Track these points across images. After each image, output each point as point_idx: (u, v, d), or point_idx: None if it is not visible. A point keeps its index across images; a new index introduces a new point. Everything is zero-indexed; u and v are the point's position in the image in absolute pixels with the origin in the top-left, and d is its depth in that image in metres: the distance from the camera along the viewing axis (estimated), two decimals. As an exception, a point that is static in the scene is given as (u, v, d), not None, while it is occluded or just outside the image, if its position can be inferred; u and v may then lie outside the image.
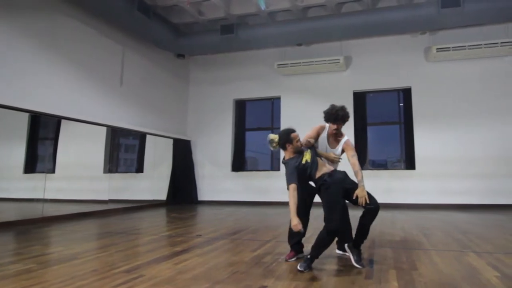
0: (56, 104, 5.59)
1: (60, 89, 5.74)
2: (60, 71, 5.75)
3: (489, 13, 6.28)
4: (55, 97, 5.62)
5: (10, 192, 5.43)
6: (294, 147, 2.87)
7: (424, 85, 7.69)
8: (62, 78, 5.78)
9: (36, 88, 5.32)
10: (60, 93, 5.71)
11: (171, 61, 8.78)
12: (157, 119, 8.12)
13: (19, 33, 5.10)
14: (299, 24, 7.16)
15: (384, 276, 2.43)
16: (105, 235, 4.27)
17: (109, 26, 6.78)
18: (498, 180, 6.99)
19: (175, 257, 3.01)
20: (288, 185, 2.69)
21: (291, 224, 2.61)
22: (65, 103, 5.77)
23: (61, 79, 5.75)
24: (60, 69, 5.76)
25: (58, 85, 5.70)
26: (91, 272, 2.52)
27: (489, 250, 3.24)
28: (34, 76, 5.29)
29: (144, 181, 8.12)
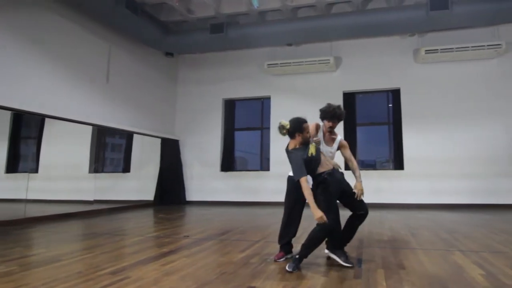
0: (40, 102, 5.44)
1: (44, 86, 5.59)
2: (44, 68, 5.60)
3: (476, 16, 6.40)
4: (39, 95, 5.48)
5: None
6: (303, 137, 2.77)
7: (413, 86, 7.80)
8: (46, 76, 5.64)
9: (19, 85, 5.17)
10: (43, 91, 5.57)
11: (159, 59, 8.67)
12: (144, 118, 8.00)
13: (2, 29, 4.94)
14: (289, 24, 7.16)
15: (372, 275, 2.44)
16: (90, 236, 4.20)
17: (95, 23, 6.65)
18: (485, 180, 7.13)
19: (162, 258, 2.98)
20: (299, 178, 2.63)
21: (316, 217, 2.54)
22: (49, 101, 5.62)
23: (45, 77, 5.61)
24: (44, 66, 5.61)
25: (42, 82, 5.56)
26: (75, 274, 2.47)
27: (475, 249, 3.29)
28: (16, 74, 5.14)
29: (131, 181, 7.99)
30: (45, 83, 5.62)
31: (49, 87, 5.68)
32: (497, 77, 7.36)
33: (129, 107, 7.55)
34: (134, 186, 8.06)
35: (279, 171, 8.22)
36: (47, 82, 5.65)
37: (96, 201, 6.67)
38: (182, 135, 9.08)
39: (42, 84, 5.56)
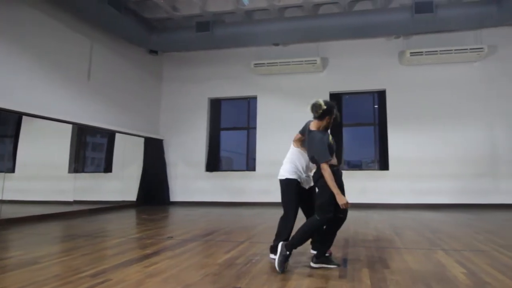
0: (17, 99, 5.23)
1: (22, 83, 5.39)
2: (22, 65, 5.40)
3: (460, 20, 6.55)
4: (16, 91, 5.28)
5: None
6: (328, 122, 2.79)
7: (398, 87, 7.91)
8: (24, 72, 5.44)
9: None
10: (21, 88, 5.37)
11: (143, 57, 8.52)
12: (127, 117, 7.83)
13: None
14: (276, 24, 7.15)
15: (357, 275, 2.46)
16: (69, 238, 4.10)
17: (77, 19, 6.47)
18: (467, 181, 7.29)
19: (145, 260, 2.92)
20: (324, 161, 2.62)
21: (341, 203, 2.59)
22: (27, 99, 5.42)
23: (23, 73, 5.41)
24: (22, 62, 5.42)
25: (20, 79, 5.36)
26: (54, 277, 2.39)
27: (457, 248, 3.35)
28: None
29: (113, 181, 7.81)
30: (23, 79, 5.42)
31: (27, 84, 5.48)
32: (479, 80, 7.54)
33: (111, 105, 7.37)
34: (116, 186, 7.88)
35: (265, 171, 8.21)
36: (25, 79, 5.45)
37: (76, 202, 6.48)
38: (167, 134, 8.95)
39: (20, 80, 5.35)
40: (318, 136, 2.73)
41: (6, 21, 5.15)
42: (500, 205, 7.04)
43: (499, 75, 7.45)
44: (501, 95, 7.40)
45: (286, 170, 2.98)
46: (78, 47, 6.57)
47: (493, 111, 7.40)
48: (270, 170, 8.78)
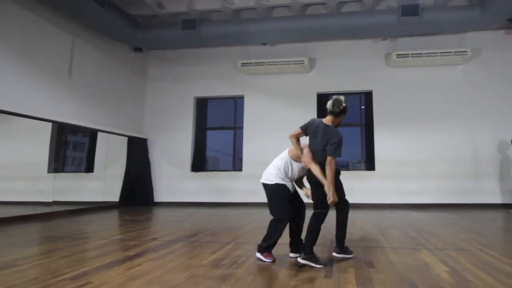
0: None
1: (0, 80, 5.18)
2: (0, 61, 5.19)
3: (444, 23, 6.66)
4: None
5: None
6: (341, 121, 2.95)
7: (385, 89, 7.99)
8: (1, 68, 5.22)
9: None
10: None
11: (127, 54, 8.34)
12: (110, 115, 7.65)
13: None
14: (264, 24, 7.12)
15: (343, 275, 2.48)
16: (48, 239, 3.96)
17: (58, 14, 6.27)
18: (451, 181, 7.43)
19: (127, 262, 2.84)
20: (335, 156, 2.72)
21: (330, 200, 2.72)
22: (4, 96, 5.21)
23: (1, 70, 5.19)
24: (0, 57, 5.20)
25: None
26: (32, 280, 2.32)
27: (440, 247, 3.41)
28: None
29: (95, 182, 7.61)
30: (2, 76, 5.21)
31: (4, 81, 5.26)
32: (463, 82, 7.70)
33: (93, 103, 7.19)
34: (98, 186, 7.68)
35: (252, 171, 8.17)
36: (2, 75, 5.23)
37: (55, 203, 6.28)
38: (151, 133, 8.80)
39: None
40: (337, 132, 2.82)
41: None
42: (483, 205, 7.21)
43: (482, 78, 7.63)
44: (484, 97, 7.57)
45: (274, 175, 2.96)
46: (59, 43, 6.38)
47: (476, 113, 7.57)
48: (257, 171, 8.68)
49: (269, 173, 3.01)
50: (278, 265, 2.74)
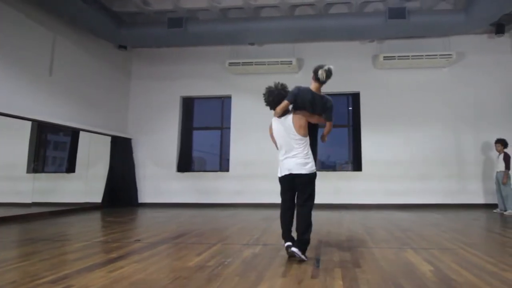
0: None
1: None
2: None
3: (430, 27, 6.80)
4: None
5: None
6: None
7: (372, 90, 8.07)
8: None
9: None
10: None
11: (111, 52, 8.16)
12: (92, 114, 7.46)
13: None
14: (252, 23, 7.09)
15: (329, 274, 2.48)
16: (27, 242, 3.83)
17: (39, 9, 6.07)
18: (435, 181, 7.56)
19: (110, 264, 2.76)
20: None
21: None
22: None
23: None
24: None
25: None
26: (9, 284, 2.25)
27: (425, 246, 3.44)
28: None
29: (76, 182, 7.40)
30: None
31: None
32: (448, 85, 7.84)
33: (75, 102, 6.99)
34: (79, 187, 7.47)
35: (239, 172, 8.10)
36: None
37: (34, 204, 6.06)
38: (136, 133, 8.63)
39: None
40: (330, 98, 3.20)
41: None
42: (467, 205, 7.36)
43: (466, 81, 7.80)
44: (468, 99, 7.74)
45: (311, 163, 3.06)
46: (40, 40, 6.18)
47: (460, 115, 7.73)
48: (244, 171, 8.71)
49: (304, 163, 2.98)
50: (265, 265, 2.72)
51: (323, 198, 7.77)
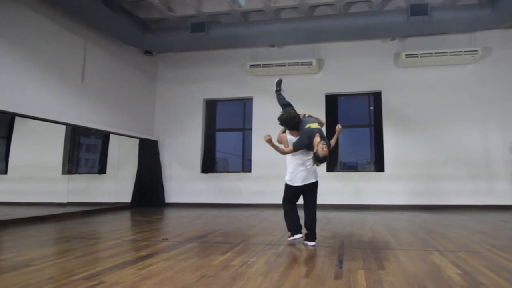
0: (9, 100, 5.15)
1: (15, 83, 5.32)
2: (15, 65, 5.34)
3: (454, 22, 6.60)
4: (9, 92, 5.20)
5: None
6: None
7: (394, 89, 7.94)
8: (17, 72, 5.37)
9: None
10: (14, 88, 5.30)
11: (137, 57, 8.47)
12: (121, 118, 7.78)
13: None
14: (272, 25, 7.15)
15: (353, 276, 2.45)
16: (63, 240, 4.05)
17: (71, 18, 6.41)
18: (461, 182, 7.34)
19: (139, 262, 2.88)
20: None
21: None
22: (20, 99, 5.35)
23: (15, 73, 5.34)
24: (16, 62, 5.35)
25: (13, 79, 5.29)
26: (47, 279, 2.35)
27: (452, 248, 3.36)
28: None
29: (107, 183, 7.74)
30: (16, 80, 5.35)
31: (20, 85, 5.41)
32: (474, 82, 7.61)
33: (105, 106, 7.32)
34: (110, 188, 7.81)
35: (261, 173, 8.20)
36: (18, 79, 5.38)
37: (69, 204, 6.41)
38: (161, 135, 8.90)
39: (13, 81, 5.28)
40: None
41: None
42: (494, 206, 7.10)
43: (493, 77, 7.53)
44: (495, 97, 7.47)
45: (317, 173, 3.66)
46: (72, 48, 6.52)
47: (487, 113, 7.47)
48: (266, 172, 8.80)
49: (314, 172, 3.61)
50: (288, 265, 2.76)
51: (344, 199, 7.74)
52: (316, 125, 3.51)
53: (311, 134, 3.40)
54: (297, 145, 3.45)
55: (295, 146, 3.46)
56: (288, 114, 3.57)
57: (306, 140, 3.40)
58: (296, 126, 3.54)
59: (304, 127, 3.47)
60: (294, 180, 3.54)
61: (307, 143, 3.40)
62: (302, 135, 3.46)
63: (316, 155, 3.32)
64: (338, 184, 7.83)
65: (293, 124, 3.55)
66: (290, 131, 3.65)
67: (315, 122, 3.54)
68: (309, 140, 3.39)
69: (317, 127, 3.47)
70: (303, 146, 3.43)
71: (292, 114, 3.56)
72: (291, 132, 3.66)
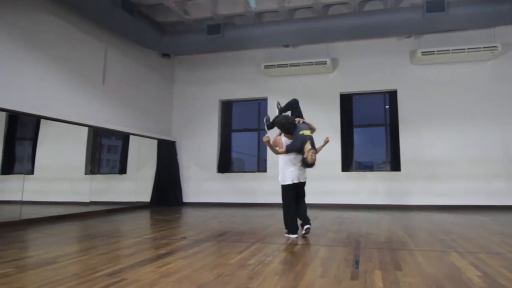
0: (35, 103, 5.40)
1: (39, 87, 5.55)
2: (39, 69, 5.57)
3: (472, 18, 6.44)
4: (35, 95, 5.44)
5: (-15, 194, 5.24)
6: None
7: (410, 87, 7.81)
8: (42, 76, 5.60)
9: (14, 86, 5.13)
10: (39, 92, 5.53)
11: (155, 60, 8.65)
12: (141, 119, 7.98)
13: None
14: (286, 25, 7.16)
15: (369, 276, 2.44)
16: (86, 238, 4.17)
17: (91, 23, 6.62)
18: (480, 182, 7.15)
19: (159, 260, 2.94)
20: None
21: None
22: (45, 102, 5.58)
23: (40, 77, 5.57)
24: (40, 67, 5.58)
25: (37, 83, 5.52)
26: (72, 276, 2.44)
27: (471, 250, 3.29)
28: (12, 74, 5.11)
29: (127, 183, 7.96)
30: (41, 84, 5.58)
31: (45, 88, 5.64)
32: (493, 79, 7.40)
33: (125, 108, 7.52)
34: (130, 187, 8.03)
35: (276, 172, 8.18)
36: (43, 83, 5.61)
37: (92, 203, 6.63)
38: (179, 136, 9.06)
39: (38, 85, 5.52)
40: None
41: (24, 28, 5.32)
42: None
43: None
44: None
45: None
46: (93, 52, 6.73)
47: (507, 111, 7.25)
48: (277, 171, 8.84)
49: (304, 173, 4.06)
50: (304, 265, 2.77)
51: (360, 198, 7.66)
52: (309, 132, 3.97)
53: (304, 140, 3.84)
54: (290, 147, 3.89)
55: (288, 148, 3.89)
56: (286, 119, 4.01)
57: (298, 145, 3.84)
58: (291, 130, 3.96)
59: (298, 132, 3.90)
60: (286, 178, 4.01)
61: (299, 147, 3.84)
62: (295, 139, 3.89)
63: (305, 161, 3.79)
64: (354, 184, 7.76)
65: (289, 129, 3.97)
66: (285, 134, 4.06)
67: (308, 129, 3.99)
68: (301, 145, 3.83)
69: (309, 135, 3.93)
70: (295, 149, 3.87)
71: (290, 120, 4.00)
72: (286, 135, 4.07)
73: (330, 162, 7.84)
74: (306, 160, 3.77)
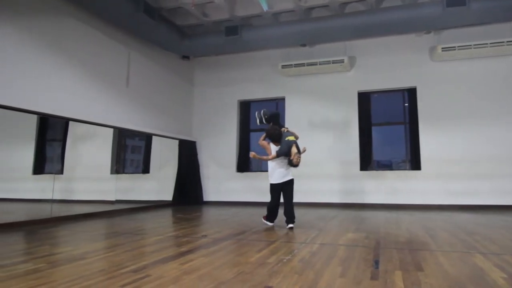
0: (64, 105, 5.64)
1: (68, 91, 5.80)
2: (67, 73, 5.81)
3: (494, 12, 6.23)
4: (63, 99, 5.69)
5: (19, 193, 5.53)
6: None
7: (429, 85, 7.63)
8: (70, 80, 5.84)
9: (44, 90, 5.39)
10: (67, 95, 5.77)
11: (176, 62, 8.84)
12: (162, 120, 8.18)
13: (26, 35, 5.15)
14: (303, 25, 7.15)
15: (389, 277, 2.41)
16: (112, 235, 4.29)
17: (115, 28, 6.84)
18: (503, 181, 6.92)
19: (181, 257, 3.00)
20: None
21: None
22: (73, 105, 5.83)
23: (68, 81, 5.81)
24: (68, 71, 5.82)
25: (66, 87, 5.76)
26: (99, 272, 2.54)
27: (496, 251, 3.19)
28: (42, 78, 5.36)
29: (150, 182, 8.18)
30: (69, 87, 5.82)
31: (72, 92, 5.88)
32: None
33: (148, 109, 7.73)
34: (153, 186, 8.25)
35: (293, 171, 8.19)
36: (70, 87, 5.85)
37: (117, 201, 6.86)
38: (199, 136, 9.22)
39: (66, 88, 5.76)
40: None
41: (51, 33, 5.54)
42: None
43: (540, 68, 6.97)
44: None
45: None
46: (117, 55, 6.95)
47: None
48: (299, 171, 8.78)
49: (290, 172, 4.74)
50: (323, 264, 2.78)
51: (379, 198, 7.55)
52: (293, 138, 4.66)
53: (290, 144, 4.55)
54: (279, 152, 4.56)
55: (278, 154, 4.55)
56: (275, 130, 4.76)
57: (286, 149, 4.53)
58: (278, 138, 4.70)
59: (284, 139, 4.60)
60: (274, 178, 4.68)
61: (287, 151, 4.52)
62: (283, 145, 4.57)
63: (291, 162, 4.52)
64: (373, 183, 7.66)
65: (277, 138, 4.71)
66: (273, 142, 4.76)
67: (292, 136, 4.68)
68: (288, 149, 4.52)
69: (293, 140, 4.62)
70: (283, 153, 4.54)
71: (278, 131, 4.73)
72: (274, 143, 4.77)
73: (348, 162, 7.77)
74: (293, 162, 4.49)
